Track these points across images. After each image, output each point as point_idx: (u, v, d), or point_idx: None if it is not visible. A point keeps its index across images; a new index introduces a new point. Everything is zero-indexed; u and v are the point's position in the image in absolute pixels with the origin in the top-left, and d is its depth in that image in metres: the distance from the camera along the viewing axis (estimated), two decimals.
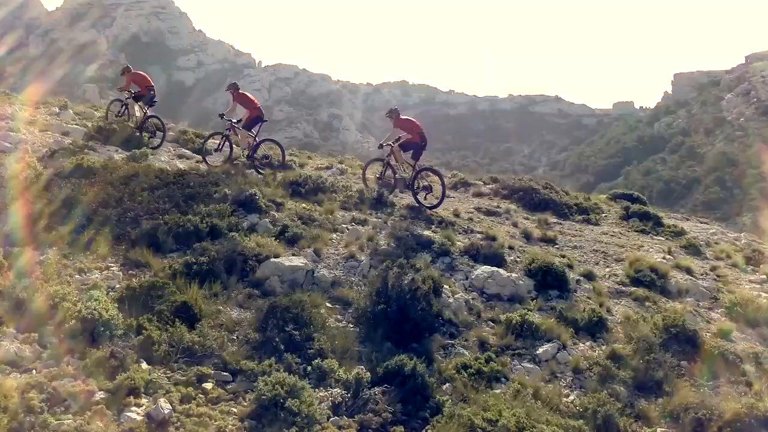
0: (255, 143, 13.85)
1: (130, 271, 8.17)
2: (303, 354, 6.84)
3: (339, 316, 7.93)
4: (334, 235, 10.19)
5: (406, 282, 7.87)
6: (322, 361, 6.67)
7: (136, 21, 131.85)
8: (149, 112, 15.49)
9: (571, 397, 7.05)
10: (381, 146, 13.25)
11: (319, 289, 8.41)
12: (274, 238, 9.50)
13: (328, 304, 8.09)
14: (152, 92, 15.66)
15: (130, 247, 8.73)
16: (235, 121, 13.86)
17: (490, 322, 8.41)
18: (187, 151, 15.04)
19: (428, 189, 12.53)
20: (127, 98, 15.80)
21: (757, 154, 79.94)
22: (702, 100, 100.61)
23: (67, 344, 6.28)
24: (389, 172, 13.11)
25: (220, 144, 14.30)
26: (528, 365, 7.58)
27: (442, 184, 12.53)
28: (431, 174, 12.80)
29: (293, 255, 9.09)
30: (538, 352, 7.80)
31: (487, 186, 14.85)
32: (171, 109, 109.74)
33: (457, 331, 8.09)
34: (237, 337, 7.01)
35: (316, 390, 6.28)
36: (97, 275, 7.94)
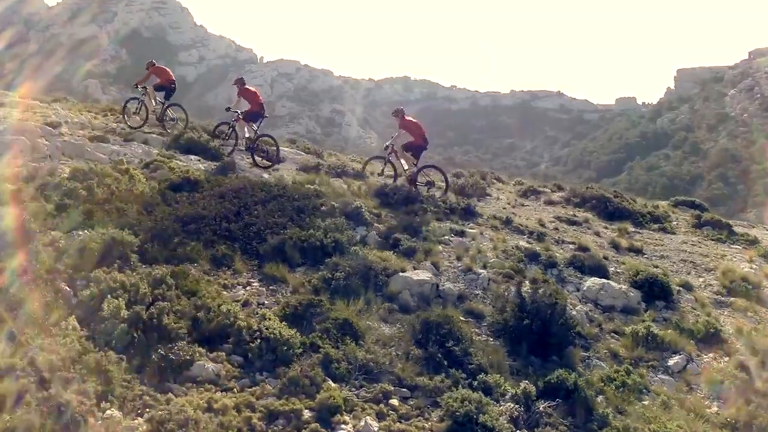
0: (255, 137, 14.70)
1: (270, 287, 8.46)
2: (465, 368, 7.17)
3: (476, 330, 8.25)
4: (440, 247, 10.50)
5: (541, 296, 8.20)
6: (486, 376, 7.01)
7: (137, 16, 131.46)
8: (168, 102, 16.40)
9: (714, 409, 7.41)
10: (387, 147, 14.09)
11: (445, 302, 8.73)
12: (391, 252, 9.80)
13: (461, 318, 8.41)
14: (173, 85, 16.57)
15: (261, 261, 9.03)
16: (240, 112, 14.83)
17: (614, 334, 8.76)
18: (258, 159, 15.26)
19: (431, 184, 13.48)
20: (143, 94, 16.36)
21: (761, 150, 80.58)
22: (705, 95, 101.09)
23: (256, 363, 6.60)
24: (390, 169, 14.04)
25: (227, 133, 15.31)
26: (663, 377, 7.95)
27: (445, 179, 13.75)
28: (434, 170, 13.83)
29: (414, 268, 9.40)
30: (669, 363, 8.17)
31: (557, 194, 15.19)
32: None
33: (587, 343, 8.44)
34: (396, 352, 7.32)
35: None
36: (242, 291, 8.23)
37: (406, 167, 13.74)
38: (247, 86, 15.12)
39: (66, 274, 7.46)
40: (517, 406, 6.61)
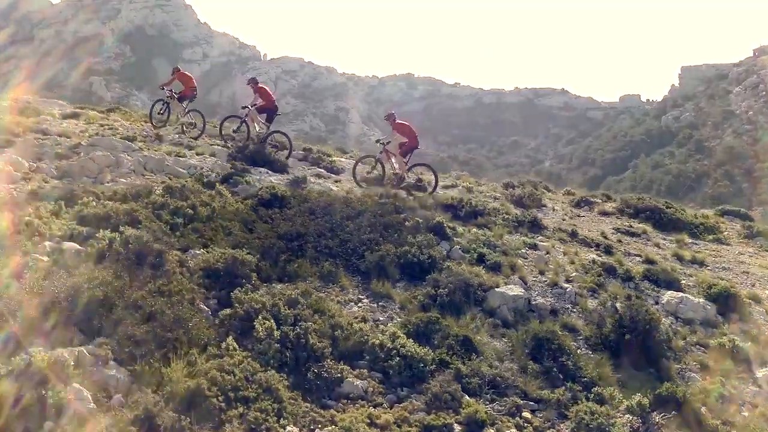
0: (267, 132, 15.93)
1: (379, 303, 8.97)
2: (578, 381, 7.69)
3: (574, 344, 8.77)
4: (520, 261, 11.00)
5: (636, 310, 8.73)
6: (601, 389, 7.53)
7: (141, 13, 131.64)
8: (189, 107, 17.43)
9: None
10: (378, 142, 15.39)
11: (541, 317, 9.24)
12: (479, 267, 10.31)
13: (558, 332, 8.92)
14: (195, 92, 17.62)
15: (362, 278, 9.54)
16: (251, 104, 16.01)
17: (699, 347, 9.28)
18: (321, 170, 15.77)
19: (419, 182, 14.56)
20: (168, 97, 17.35)
21: (766, 148, 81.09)
22: (709, 93, 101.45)
23: (393, 379, 7.12)
24: (379, 167, 14.95)
25: (238, 126, 16.32)
26: (753, 388, 8.47)
27: (435, 176, 14.62)
28: (424, 168, 14.92)
29: (505, 283, 9.91)
30: (758, 375, 8.69)
31: (608, 204, 15.70)
32: None
33: (676, 355, 8.96)
34: (513, 366, 7.84)
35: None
36: (355, 308, 8.74)
37: (396, 166, 14.76)
38: (260, 84, 16.39)
39: (201, 293, 7.98)
40: (635, 417, 7.15)
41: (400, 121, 14.82)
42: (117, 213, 9.50)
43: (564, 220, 14.03)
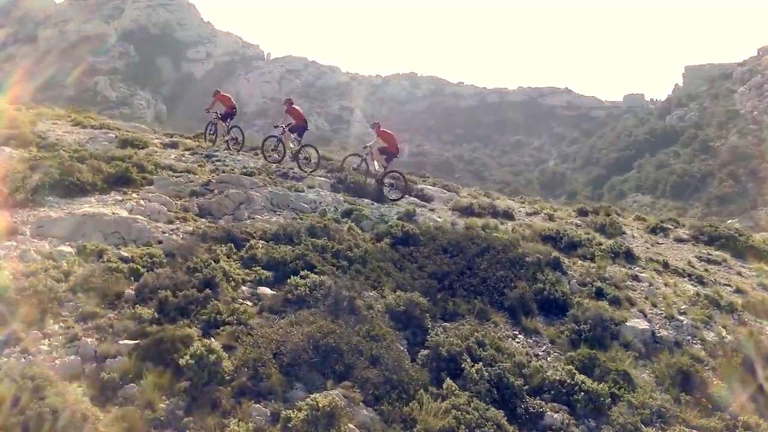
0: (298, 147, 17.71)
1: (533, 338, 10.22)
2: (725, 410, 8.97)
3: (704, 374, 10.04)
4: (631, 293, 12.26)
5: (761, 345, 10.03)
6: (748, 419, 8.81)
7: (144, 12, 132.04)
8: (231, 124, 19.49)
9: None
10: (365, 147, 17.55)
11: (670, 349, 10.50)
12: (600, 300, 11.57)
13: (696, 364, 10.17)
14: (234, 110, 19.69)
15: (507, 314, 10.77)
16: (285, 126, 17.75)
17: None
18: (414, 198, 16.95)
19: (393, 185, 16.69)
20: (215, 119, 19.52)
21: None
22: (713, 93, 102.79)
23: (578, 411, 8.37)
24: (363, 166, 17.41)
25: (275, 145, 18.11)
26: None
27: (405, 183, 16.72)
28: (397, 175, 16.85)
29: (630, 317, 11.16)
30: None
31: (681, 230, 16.97)
32: (181, 102, 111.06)
33: None
34: (669, 397, 9.10)
35: None
36: (514, 343, 9.97)
37: (377, 168, 16.83)
38: (294, 105, 18.20)
39: (394, 335, 9.18)
40: None
41: (384, 130, 16.80)
42: (290, 257, 10.68)
43: (647, 248, 15.28)
